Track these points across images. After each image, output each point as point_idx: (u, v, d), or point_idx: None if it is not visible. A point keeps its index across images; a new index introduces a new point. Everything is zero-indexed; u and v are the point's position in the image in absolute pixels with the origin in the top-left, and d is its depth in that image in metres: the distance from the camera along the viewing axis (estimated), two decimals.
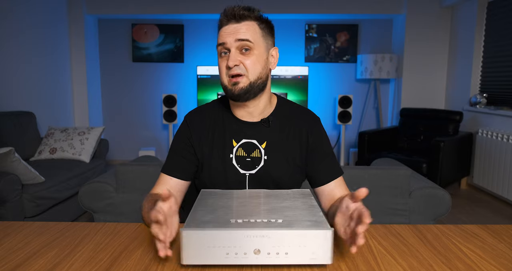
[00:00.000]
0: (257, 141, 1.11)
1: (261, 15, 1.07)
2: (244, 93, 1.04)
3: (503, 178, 3.30)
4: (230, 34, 1.02)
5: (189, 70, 4.86)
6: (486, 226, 1.00)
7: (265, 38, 1.07)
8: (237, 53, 1.03)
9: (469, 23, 4.00)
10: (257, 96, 1.08)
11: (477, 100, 3.78)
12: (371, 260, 0.80)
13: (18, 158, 2.38)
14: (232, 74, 1.03)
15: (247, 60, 1.03)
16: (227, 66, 1.03)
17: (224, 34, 1.03)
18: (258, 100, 1.10)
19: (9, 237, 0.92)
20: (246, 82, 1.03)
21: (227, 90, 1.06)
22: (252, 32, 1.03)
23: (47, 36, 4.03)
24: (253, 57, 1.03)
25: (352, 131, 4.95)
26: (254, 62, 1.04)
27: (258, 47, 1.04)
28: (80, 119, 4.64)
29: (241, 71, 1.03)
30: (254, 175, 1.10)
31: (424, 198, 1.72)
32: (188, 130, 1.14)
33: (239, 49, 1.03)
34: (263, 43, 1.06)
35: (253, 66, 1.03)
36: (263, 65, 1.06)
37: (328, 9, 4.46)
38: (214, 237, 0.71)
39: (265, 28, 1.07)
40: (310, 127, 1.14)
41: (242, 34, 1.02)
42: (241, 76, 1.03)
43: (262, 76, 1.06)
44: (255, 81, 1.04)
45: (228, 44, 1.02)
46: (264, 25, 1.07)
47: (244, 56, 1.03)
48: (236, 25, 1.03)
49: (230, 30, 1.03)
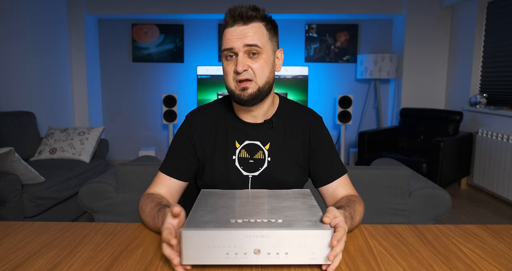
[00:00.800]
0: (260, 142, 1.10)
1: (266, 15, 1.03)
2: (253, 99, 1.01)
3: (503, 178, 3.30)
4: (238, 39, 0.98)
5: (189, 70, 4.86)
6: (486, 226, 1.00)
7: (272, 41, 1.04)
8: (245, 58, 0.99)
9: (469, 23, 4.00)
10: (263, 100, 1.06)
11: (477, 100, 3.78)
12: (371, 260, 0.80)
13: (18, 158, 2.38)
14: (240, 79, 1.00)
15: (255, 64, 1.00)
16: (235, 71, 1.00)
17: (231, 37, 0.99)
18: (263, 103, 1.08)
19: (9, 237, 0.92)
20: (255, 87, 1.01)
21: (235, 95, 1.02)
22: (259, 35, 1.00)
23: (47, 36, 4.03)
24: (261, 61, 1.00)
25: (352, 131, 4.95)
26: (263, 67, 1.01)
27: (265, 51, 1.01)
28: (80, 119, 4.64)
29: (250, 76, 1.00)
30: (257, 176, 1.09)
31: (424, 198, 1.72)
32: (190, 131, 1.11)
33: (247, 53, 1.00)
34: (270, 46, 1.03)
35: (262, 70, 1.01)
36: (271, 69, 1.04)
37: (328, 9, 4.46)
38: (214, 237, 0.71)
39: (271, 30, 1.04)
40: (312, 127, 1.13)
41: (250, 39, 0.98)
42: (250, 81, 1.00)
43: (270, 80, 1.03)
44: (264, 86, 1.02)
45: (236, 49, 0.99)
46: (270, 26, 1.04)
47: (252, 60, 1.00)
48: (243, 27, 0.99)
49: (237, 33, 0.99)
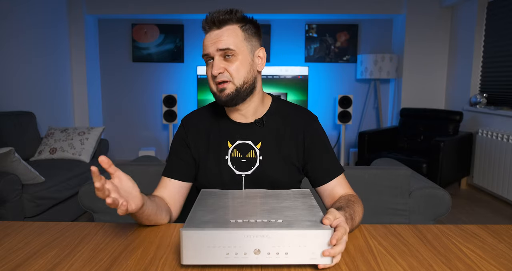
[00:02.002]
0: (251, 141, 1.11)
1: (244, 16, 1.05)
2: (231, 99, 1.04)
3: (503, 178, 3.30)
4: (212, 44, 1.02)
5: (189, 70, 4.86)
6: (486, 226, 1.00)
7: (249, 41, 1.05)
8: (221, 60, 1.03)
9: (469, 23, 4.00)
10: (246, 99, 1.08)
11: (477, 100, 3.78)
12: (371, 260, 0.80)
13: (18, 158, 2.38)
14: (218, 82, 1.04)
15: (231, 66, 1.02)
16: (211, 74, 1.04)
17: (207, 43, 1.03)
18: (249, 103, 1.10)
19: (9, 237, 0.92)
20: (232, 88, 1.03)
21: (216, 96, 1.06)
22: (233, 37, 1.02)
23: (47, 36, 4.03)
24: (236, 62, 1.03)
25: (352, 131, 4.94)
26: (238, 68, 1.03)
27: (241, 52, 1.03)
28: (80, 119, 4.64)
29: (226, 78, 1.03)
30: (250, 175, 1.10)
31: (424, 198, 1.72)
32: (184, 133, 1.15)
33: (222, 56, 1.03)
34: (246, 47, 1.05)
35: (237, 71, 1.03)
36: (248, 69, 1.05)
37: (328, 9, 4.46)
38: (214, 237, 0.71)
39: (248, 30, 1.05)
40: (306, 127, 1.13)
41: (222, 43, 1.01)
42: (227, 82, 1.03)
43: (249, 80, 1.05)
44: (242, 86, 1.04)
45: (211, 54, 1.03)
46: (248, 26, 1.05)
47: (227, 62, 1.03)
48: (217, 31, 1.02)
49: (212, 38, 1.02)
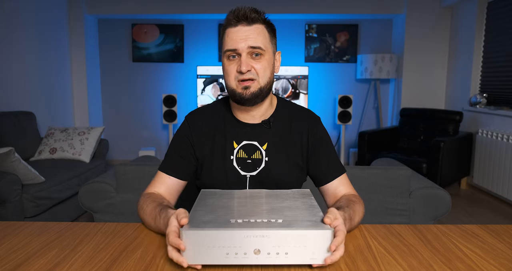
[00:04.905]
0: (258, 142, 1.11)
1: (266, 18, 1.06)
2: (254, 98, 1.04)
3: (503, 178, 3.30)
4: (242, 40, 1.01)
5: (189, 70, 4.86)
6: (486, 226, 1.00)
7: (272, 43, 1.07)
8: (248, 58, 1.02)
9: (469, 23, 4.00)
10: (263, 100, 1.08)
11: (477, 100, 3.78)
12: (371, 260, 0.80)
13: (18, 158, 2.38)
14: (244, 79, 1.02)
15: (258, 65, 1.03)
16: (239, 71, 1.02)
17: (235, 38, 1.01)
18: (262, 104, 1.10)
19: (9, 237, 0.92)
20: (256, 86, 1.03)
21: (236, 94, 1.04)
22: (262, 37, 1.03)
23: (47, 36, 4.03)
24: (264, 62, 1.04)
25: (352, 131, 4.94)
26: (265, 67, 1.04)
27: (267, 52, 1.05)
28: (80, 119, 4.64)
29: (253, 76, 1.03)
30: (255, 176, 1.10)
31: (424, 198, 1.72)
32: (189, 131, 1.13)
33: (250, 54, 1.02)
34: (271, 48, 1.07)
35: (264, 71, 1.04)
36: (272, 70, 1.07)
37: (328, 9, 4.46)
38: (214, 237, 0.71)
39: (271, 32, 1.07)
40: (310, 127, 1.14)
41: (253, 41, 1.01)
42: (253, 80, 1.03)
43: (271, 81, 1.07)
44: (265, 86, 1.05)
45: (239, 50, 1.01)
46: (270, 28, 1.07)
47: (255, 61, 1.03)
48: (247, 28, 1.02)
49: (241, 34, 1.01)
